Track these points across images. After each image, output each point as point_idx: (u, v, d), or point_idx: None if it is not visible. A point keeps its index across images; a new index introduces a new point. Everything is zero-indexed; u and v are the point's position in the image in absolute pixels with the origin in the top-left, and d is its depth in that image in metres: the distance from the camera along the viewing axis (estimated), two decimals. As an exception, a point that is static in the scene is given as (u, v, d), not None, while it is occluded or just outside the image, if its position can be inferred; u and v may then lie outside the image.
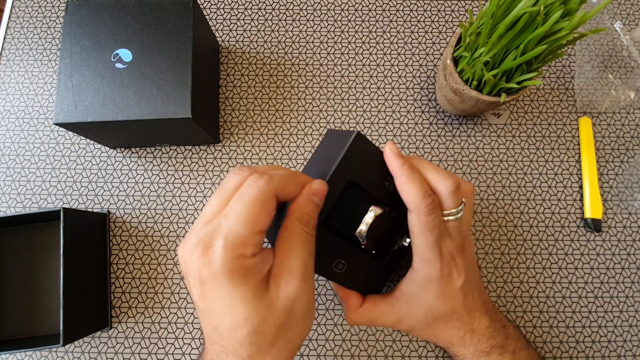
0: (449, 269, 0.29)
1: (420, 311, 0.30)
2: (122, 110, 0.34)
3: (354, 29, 0.46)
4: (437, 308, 0.30)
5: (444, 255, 0.28)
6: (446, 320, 0.30)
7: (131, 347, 0.38)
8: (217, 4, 0.47)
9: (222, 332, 0.22)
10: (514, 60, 0.31)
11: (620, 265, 0.39)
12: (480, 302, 0.31)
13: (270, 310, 0.22)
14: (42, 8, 0.47)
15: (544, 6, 0.27)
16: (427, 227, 0.27)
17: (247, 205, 0.22)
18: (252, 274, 0.22)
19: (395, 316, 0.31)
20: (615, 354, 0.37)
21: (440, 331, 0.31)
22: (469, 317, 0.31)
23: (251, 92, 0.44)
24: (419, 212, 0.27)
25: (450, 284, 0.29)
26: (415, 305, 0.30)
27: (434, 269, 0.29)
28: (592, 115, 0.43)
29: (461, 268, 0.29)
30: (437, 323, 0.31)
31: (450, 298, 0.30)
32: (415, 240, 0.28)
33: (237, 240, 0.21)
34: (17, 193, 0.41)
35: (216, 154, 0.42)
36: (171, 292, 0.39)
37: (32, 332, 0.37)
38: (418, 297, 0.30)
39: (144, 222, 0.41)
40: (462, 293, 0.30)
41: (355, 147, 0.27)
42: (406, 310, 0.31)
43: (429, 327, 0.31)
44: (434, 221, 0.27)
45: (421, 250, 0.28)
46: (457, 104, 0.38)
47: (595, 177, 0.41)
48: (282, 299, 0.22)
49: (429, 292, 0.29)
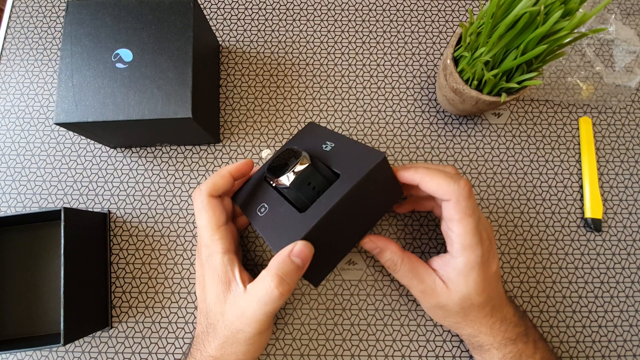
0: (488, 254, 0.29)
1: (457, 296, 0.30)
2: (122, 110, 0.34)
3: (354, 29, 0.46)
4: (476, 295, 0.29)
5: (484, 241, 0.29)
6: (482, 307, 0.30)
7: (131, 346, 0.38)
8: (217, 4, 0.47)
9: (200, 304, 0.32)
10: (514, 60, 0.31)
11: (620, 265, 0.39)
12: (500, 290, 0.32)
13: (221, 319, 0.29)
14: (43, 8, 0.47)
15: (544, 6, 0.27)
16: (467, 212, 0.28)
17: (197, 216, 0.31)
18: (217, 274, 0.29)
19: (428, 284, 0.30)
20: (616, 354, 0.37)
21: (473, 318, 0.30)
22: (501, 304, 0.31)
23: (251, 92, 0.44)
24: (459, 196, 0.28)
25: (488, 270, 0.29)
26: (454, 289, 0.30)
27: (476, 256, 0.28)
28: (592, 115, 0.43)
29: (495, 253, 0.30)
30: (472, 310, 0.30)
31: (489, 284, 0.30)
32: (455, 227, 0.28)
33: (206, 242, 0.30)
34: (17, 193, 0.41)
35: (216, 153, 0.42)
36: (171, 292, 0.39)
37: (32, 331, 0.37)
38: (457, 283, 0.30)
39: (144, 222, 0.41)
40: (496, 279, 0.30)
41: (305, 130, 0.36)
42: (443, 288, 0.30)
43: (461, 312, 0.30)
44: (473, 204, 0.28)
45: (462, 237, 0.28)
46: (457, 103, 0.38)
47: (596, 176, 0.41)
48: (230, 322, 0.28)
49: (469, 279, 0.29)
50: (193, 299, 0.39)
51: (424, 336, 0.38)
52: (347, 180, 0.28)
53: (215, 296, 0.29)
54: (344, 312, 0.38)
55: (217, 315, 0.29)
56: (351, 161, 0.29)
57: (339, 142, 0.32)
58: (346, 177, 0.28)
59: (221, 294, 0.29)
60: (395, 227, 0.40)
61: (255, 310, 0.26)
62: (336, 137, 0.33)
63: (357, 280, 0.39)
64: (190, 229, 0.40)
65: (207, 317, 0.30)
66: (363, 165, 0.28)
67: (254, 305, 0.26)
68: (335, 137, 0.33)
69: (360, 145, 0.30)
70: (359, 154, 0.29)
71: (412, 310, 0.38)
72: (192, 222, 0.41)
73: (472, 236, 0.28)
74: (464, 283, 0.29)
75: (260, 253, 0.40)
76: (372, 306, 0.39)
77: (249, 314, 0.27)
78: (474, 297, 0.29)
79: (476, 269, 0.29)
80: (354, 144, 0.31)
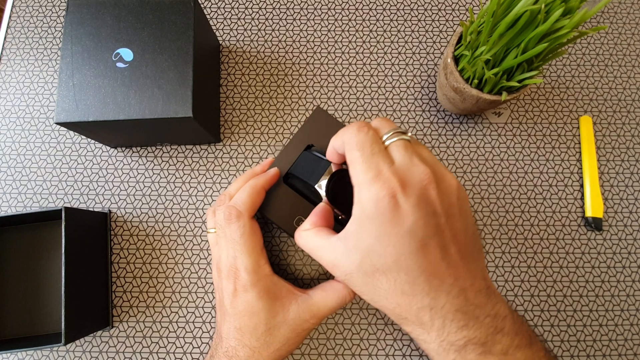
0: (391, 200, 0.21)
1: (356, 255, 0.24)
2: (123, 110, 0.34)
3: (354, 28, 0.46)
4: (377, 254, 0.23)
5: (384, 179, 0.22)
6: (392, 277, 0.23)
7: (132, 346, 0.38)
8: (217, 4, 0.47)
9: (244, 331, 0.29)
10: (514, 58, 0.31)
11: (621, 264, 0.39)
12: (461, 271, 0.23)
13: (284, 325, 0.30)
14: (43, 7, 0.47)
15: (544, 4, 0.27)
16: (357, 146, 0.23)
17: (239, 241, 0.30)
18: (272, 293, 0.30)
19: (330, 254, 0.25)
20: (616, 353, 0.37)
21: (383, 292, 0.23)
22: (427, 284, 0.22)
23: (252, 91, 0.44)
24: (347, 136, 0.24)
25: (395, 222, 0.22)
26: (352, 246, 0.24)
27: (370, 198, 0.22)
28: (593, 114, 0.43)
29: (414, 204, 0.22)
30: (378, 277, 0.23)
31: (395, 244, 0.22)
32: (350, 169, 0.24)
33: (251, 268, 0.30)
34: (18, 192, 0.41)
35: (217, 153, 0.42)
36: (172, 292, 0.39)
37: (33, 331, 0.37)
38: (355, 236, 0.23)
39: (145, 222, 0.41)
40: (415, 241, 0.22)
41: (315, 118, 0.34)
42: (342, 250, 0.24)
43: (368, 280, 0.24)
44: (363, 139, 0.23)
45: (356, 177, 0.23)
46: (458, 102, 0.38)
47: (596, 175, 0.41)
48: (297, 325, 0.30)
49: (365, 231, 0.23)
50: (194, 299, 0.39)
51: (424, 335, 0.38)
52: None
53: (274, 312, 0.30)
54: (345, 312, 0.38)
55: (279, 324, 0.30)
56: None
57: None
58: None
59: (280, 307, 0.30)
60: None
61: (328, 311, 0.30)
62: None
63: (358, 280, 0.39)
64: (190, 228, 0.40)
65: (262, 334, 0.30)
66: None
67: (329, 307, 0.30)
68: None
69: None
70: None
71: (413, 310, 0.38)
72: (193, 222, 0.41)
73: (361, 172, 0.22)
74: (359, 236, 0.23)
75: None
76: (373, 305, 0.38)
77: (322, 314, 0.30)
78: (374, 258, 0.23)
79: (372, 218, 0.22)
80: None
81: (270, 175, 0.32)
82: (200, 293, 0.39)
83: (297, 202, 0.33)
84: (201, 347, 0.38)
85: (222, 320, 0.31)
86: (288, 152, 0.33)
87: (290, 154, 0.33)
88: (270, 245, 0.40)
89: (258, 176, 0.32)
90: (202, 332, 0.38)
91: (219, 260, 0.31)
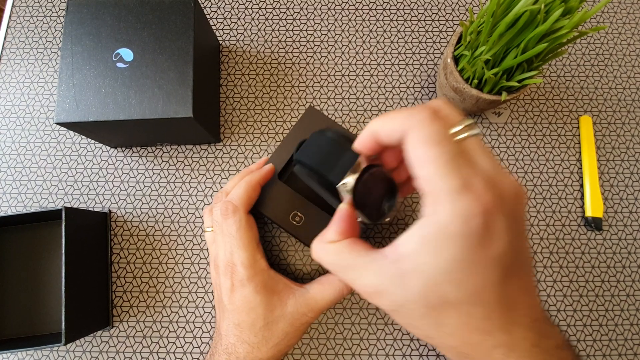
0: (483, 218, 0.17)
1: (417, 281, 0.18)
2: (123, 110, 0.34)
3: (354, 28, 0.46)
4: (452, 283, 0.18)
5: (476, 193, 0.17)
6: (464, 312, 0.18)
7: (132, 346, 0.38)
8: (217, 4, 0.47)
9: (243, 327, 0.29)
10: (514, 58, 0.31)
11: (621, 264, 0.39)
12: (531, 298, 0.19)
13: (282, 319, 0.30)
14: (43, 7, 0.47)
15: (544, 4, 0.27)
16: (434, 140, 0.18)
17: (235, 235, 0.30)
18: (269, 287, 0.30)
19: (373, 278, 0.20)
20: (616, 353, 0.37)
21: (449, 329, 0.19)
22: (503, 317, 0.18)
23: (252, 91, 0.44)
24: (418, 124, 0.18)
25: (484, 246, 0.17)
26: (411, 269, 0.18)
27: (456, 214, 0.17)
28: (593, 114, 0.43)
29: (507, 225, 0.17)
30: (446, 311, 0.18)
31: (481, 272, 0.17)
32: (421, 171, 0.18)
33: (247, 263, 0.30)
34: (18, 192, 0.41)
35: (217, 153, 0.42)
36: (172, 292, 0.39)
37: (33, 331, 0.37)
38: (420, 258, 0.18)
39: (145, 222, 0.41)
40: (501, 270, 0.17)
41: (307, 116, 0.34)
42: (393, 273, 0.19)
43: (430, 314, 0.19)
44: (441, 131, 0.18)
45: (434, 184, 0.17)
46: (457, 102, 0.38)
47: (596, 175, 0.41)
48: (295, 319, 0.30)
49: (440, 253, 0.17)
50: (194, 299, 0.39)
51: (424, 335, 0.38)
52: None
53: (271, 306, 0.30)
54: (345, 312, 0.38)
55: (277, 319, 0.30)
56: None
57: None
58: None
59: (278, 302, 0.30)
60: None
61: (326, 304, 0.30)
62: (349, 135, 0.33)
63: (358, 280, 0.39)
64: (191, 228, 0.40)
65: (260, 330, 0.29)
66: None
67: (327, 300, 0.30)
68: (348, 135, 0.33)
69: None
70: None
71: (413, 309, 0.38)
72: (193, 222, 0.41)
73: (443, 178, 0.17)
74: (427, 259, 0.18)
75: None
76: (373, 305, 0.39)
77: (320, 307, 0.30)
78: (446, 288, 0.18)
79: (454, 239, 0.17)
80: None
81: (265, 171, 0.33)
82: (200, 293, 0.39)
83: (293, 197, 0.33)
84: (201, 347, 0.38)
85: (221, 317, 0.31)
86: (281, 151, 0.34)
87: (284, 153, 0.34)
88: (270, 245, 0.40)
89: (253, 172, 0.33)
90: (202, 332, 0.38)
91: (217, 257, 0.31)
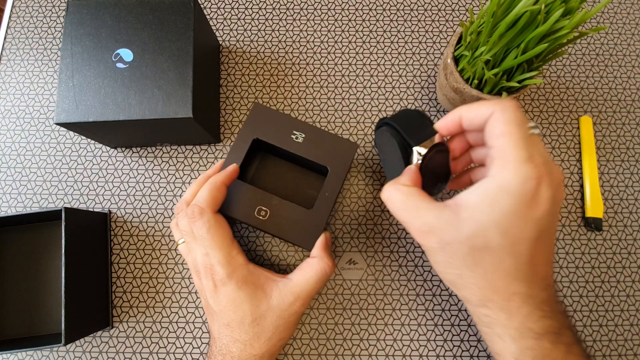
0: (537, 183, 0.21)
1: (469, 226, 0.22)
2: (123, 110, 0.34)
3: (354, 29, 0.46)
4: (498, 230, 0.22)
5: (536, 164, 0.22)
6: (500, 257, 0.22)
7: (132, 346, 0.38)
8: (217, 4, 0.47)
9: (233, 325, 0.30)
10: (514, 59, 0.31)
11: (621, 265, 0.39)
12: (549, 269, 0.24)
13: (270, 313, 0.30)
14: (43, 8, 0.47)
15: (544, 5, 0.27)
16: (515, 122, 0.22)
17: (207, 237, 0.30)
18: (251, 282, 0.30)
19: (431, 218, 0.23)
20: (617, 353, 0.37)
21: (483, 273, 0.23)
22: (529, 273, 0.23)
23: (252, 91, 0.44)
24: (503, 107, 0.23)
25: (531, 207, 0.21)
26: (467, 217, 0.22)
27: (518, 175, 0.21)
28: (593, 114, 0.43)
29: (550, 196, 0.22)
30: (484, 256, 0.22)
31: (522, 226, 0.22)
32: (497, 141, 0.23)
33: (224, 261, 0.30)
34: (18, 193, 0.41)
35: (217, 153, 0.42)
36: (172, 292, 0.39)
37: (33, 331, 0.37)
38: (475, 208, 0.22)
39: (145, 222, 0.41)
40: (538, 230, 0.22)
41: (255, 113, 0.36)
42: (449, 217, 0.23)
43: (472, 254, 0.23)
44: (523, 119, 0.23)
45: (503, 151, 0.22)
46: (458, 103, 0.38)
47: (596, 176, 0.41)
48: (282, 310, 0.30)
49: (495, 205, 0.22)
50: (194, 299, 0.39)
51: (424, 336, 0.38)
52: (336, 174, 0.34)
53: (257, 301, 0.30)
54: (345, 312, 0.38)
55: (265, 313, 0.30)
56: (332, 153, 0.35)
57: (309, 133, 0.35)
58: (335, 171, 0.34)
59: (262, 295, 0.30)
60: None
61: (311, 288, 0.31)
62: (300, 125, 0.36)
63: (358, 280, 0.39)
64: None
65: (250, 326, 0.30)
66: (345, 157, 0.35)
67: (311, 283, 0.31)
68: (300, 125, 0.36)
69: (330, 135, 0.35)
70: (334, 144, 0.35)
71: (413, 310, 0.38)
72: (193, 222, 0.41)
73: (516, 149, 0.22)
74: (484, 209, 0.22)
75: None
76: (373, 306, 0.39)
77: (306, 293, 0.30)
78: (492, 234, 0.22)
79: (512, 194, 0.21)
80: (324, 134, 0.35)
81: (230, 171, 0.33)
82: (200, 293, 0.39)
83: (254, 193, 0.34)
84: (201, 347, 0.38)
85: (212, 321, 0.31)
86: (235, 150, 0.35)
87: (238, 152, 0.35)
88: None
89: (217, 174, 0.33)
90: (202, 332, 0.38)
91: (195, 264, 0.31)
